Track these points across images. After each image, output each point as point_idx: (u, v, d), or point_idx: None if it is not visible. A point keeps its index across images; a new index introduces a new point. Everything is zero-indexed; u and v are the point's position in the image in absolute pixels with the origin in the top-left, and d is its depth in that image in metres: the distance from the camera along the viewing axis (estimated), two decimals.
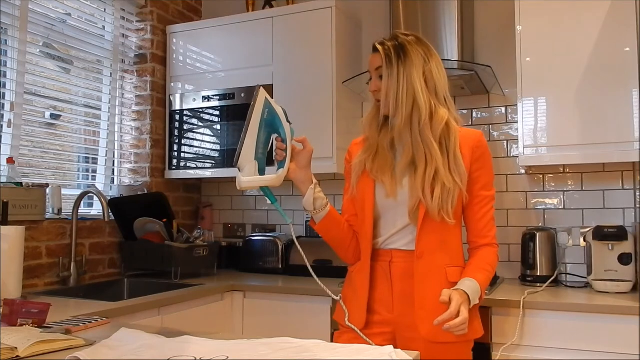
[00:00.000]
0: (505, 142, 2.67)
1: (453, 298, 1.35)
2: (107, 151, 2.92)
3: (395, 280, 1.54)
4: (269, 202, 1.45)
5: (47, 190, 2.33)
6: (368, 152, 1.60)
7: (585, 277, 2.29)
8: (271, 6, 3.01)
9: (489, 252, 1.56)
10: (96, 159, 2.94)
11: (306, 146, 1.50)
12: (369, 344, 1.39)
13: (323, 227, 1.57)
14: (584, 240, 2.30)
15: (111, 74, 2.94)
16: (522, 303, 1.97)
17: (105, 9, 2.90)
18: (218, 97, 2.91)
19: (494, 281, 2.35)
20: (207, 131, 2.95)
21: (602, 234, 2.19)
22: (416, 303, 1.49)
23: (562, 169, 2.55)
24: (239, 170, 1.37)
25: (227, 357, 1.09)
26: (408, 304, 1.51)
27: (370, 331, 1.53)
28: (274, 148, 1.46)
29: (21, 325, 1.38)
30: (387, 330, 1.55)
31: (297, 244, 1.47)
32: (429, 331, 1.44)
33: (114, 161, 2.97)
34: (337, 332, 1.65)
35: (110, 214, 2.55)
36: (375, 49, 1.58)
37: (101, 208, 2.33)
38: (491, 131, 2.69)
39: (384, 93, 1.54)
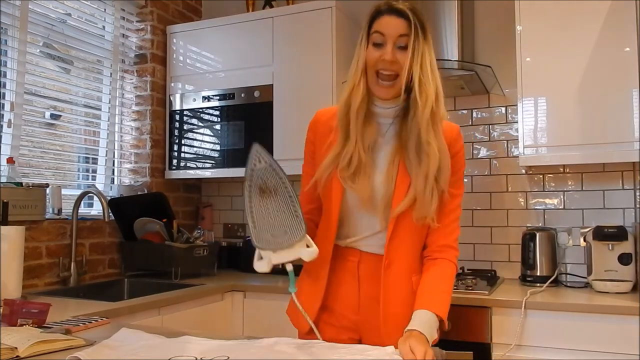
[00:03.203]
0: (505, 142, 2.67)
1: (415, 350, 1.15)
2: (107, 151, 2.92)
3: (363, 282, 1.44)
4: (289, 268, 1.25)
5: (47, 190, 2.33)
6: (343, 150, 1.39)
7: (585, 277, 2.29)
8: (271, 6, 3.01)
9: (445, 267, 1.41)
10: (96, 159, 2.94)
11: None
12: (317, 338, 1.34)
13: None
14: (584, 240, 2.30)
15: (111, 74, 2.94)
16: (524, 303, 1.97)
17: (105, 9, 2.90)
18: (218, 97, 2.91)
19: (494, 281, 2.35)
20: (207, 131, 2.95)
21: (602, 234, 2.19)
22: (381, 313, 1.39)
23: (562, 169, 2.55)
24: (297, 242, 1.20)
25: (227, 357, 1.09)
26: (374, 306, 1.42)
27: (337, 337, 1.43)
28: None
29: (21, 325, 1.38)
30: (354, 337, 1.46)
31: (299, 306, 1.33)
32: (396, 341, 1.30)
33: (114, 161, 2.97)
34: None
35: (110, 214, 2.55)
36: (396, 11, 1.35)
37: (101, 208, 2.34)
38: (491, 131, 2.69)
39: (406, 68, 1.32)
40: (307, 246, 1.23)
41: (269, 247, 1.20)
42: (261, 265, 1.23)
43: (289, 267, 1.24)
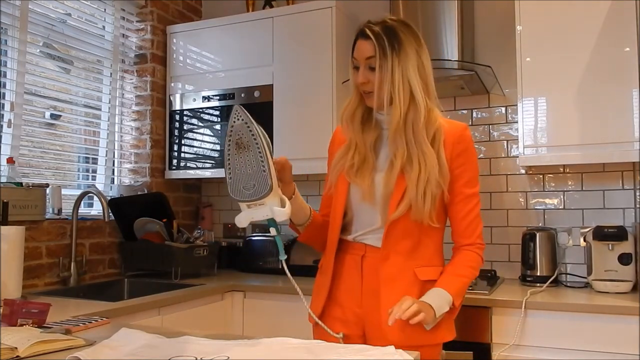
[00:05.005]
0: (505, 142, 2.67)
1: (402, 302, 1.32)
2: (107, 151, 2.92)
3: (366, 275, 1.50)
4: (272, 233, 1.32)
5: (47, 190, 2.33)
6: (348, 152, 1.52)
7: (585, 277, 2.29)
8: (271, 6, 3.01)
9: (467, 255, 1.49)
10: (96, 159, 2.94)
11: (286, 163, 1.39)
12: (329, 333, 1.42)
13: (309, 236, 1.58)
14: (584, 240, 2.30)
15: (111, 74, 2.94)
16: (524, 303, 1.97)
17: (105, 9, 2.90)
18: (218, 97, 2.91)
19: (494, 281, 2.35)
20: (207, 131, 2.95)
21: (602, 234, 2.19)
22: (382, 306, 1.43)
23: (562, 169, 2.55)
24: (264, 198, 1.25)
25: (228, 357, 1.09)
26: (375, 300, 1.46)
27: (345, 332, 1.48)
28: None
29: (21, 325, 1.38)
30: (359, 333, 1.50)
31: (288, 273, 1.37)
32: (397, 336, 1.37)
33: (114, 161, 2.97)
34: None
35: (110, 214, 2.55)
36: (364, 35, 1.46)
37: (101, 208, 2.34)
38: (491, 131, 2.69)
39: (377, 86, 1.43)
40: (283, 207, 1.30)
41: (241, 199, 1.28)
42: (239, 219, 1.32)
43: (273, 232, 1.31)
